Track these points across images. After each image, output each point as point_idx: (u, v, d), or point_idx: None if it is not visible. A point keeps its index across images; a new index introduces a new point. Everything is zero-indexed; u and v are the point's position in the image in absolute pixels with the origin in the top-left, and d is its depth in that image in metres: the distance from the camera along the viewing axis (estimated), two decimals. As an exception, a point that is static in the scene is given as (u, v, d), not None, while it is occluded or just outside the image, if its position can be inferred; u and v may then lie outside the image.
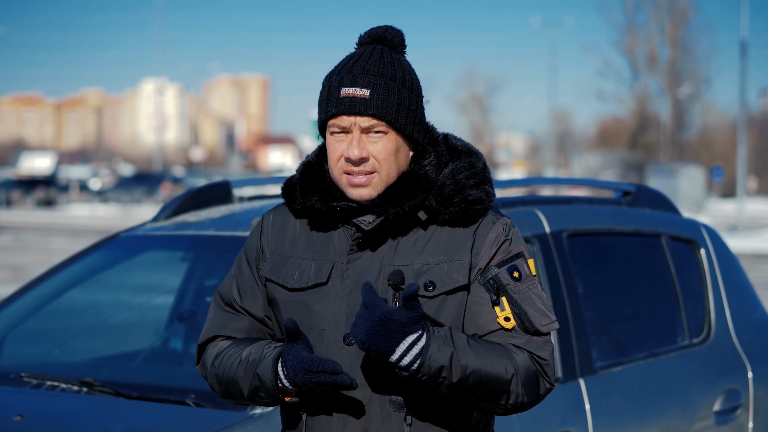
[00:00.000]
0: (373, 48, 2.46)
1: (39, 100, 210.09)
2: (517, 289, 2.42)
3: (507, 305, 2.41)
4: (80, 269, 4.44)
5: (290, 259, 2.50)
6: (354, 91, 2.41)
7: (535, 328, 2.40)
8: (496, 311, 2.41)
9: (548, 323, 2.42)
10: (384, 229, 2.45)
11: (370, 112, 2.40)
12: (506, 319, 2.40)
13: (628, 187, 4.81)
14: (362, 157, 2.40)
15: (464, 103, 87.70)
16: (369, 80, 2.41)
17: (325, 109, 2.44)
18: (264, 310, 2.54)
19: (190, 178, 56.13)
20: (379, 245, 2.45)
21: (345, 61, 2.47)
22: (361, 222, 2.44)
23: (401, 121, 2.42)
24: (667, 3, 66.26)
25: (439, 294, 2.41)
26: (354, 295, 2.42)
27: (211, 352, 2.54)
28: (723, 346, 4.57)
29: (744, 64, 33.71)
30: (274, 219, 2.57)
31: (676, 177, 47.06)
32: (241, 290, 2.55)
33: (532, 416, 3.58)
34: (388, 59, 2.45)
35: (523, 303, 2.41)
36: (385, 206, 2.42)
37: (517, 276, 2.43)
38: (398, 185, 2.43)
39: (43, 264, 18.29)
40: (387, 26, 2.50)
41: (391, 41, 2.48)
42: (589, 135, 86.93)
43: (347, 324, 2.41)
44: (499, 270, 2.42)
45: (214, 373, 2.51)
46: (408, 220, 2.45)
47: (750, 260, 21.96)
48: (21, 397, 3.63)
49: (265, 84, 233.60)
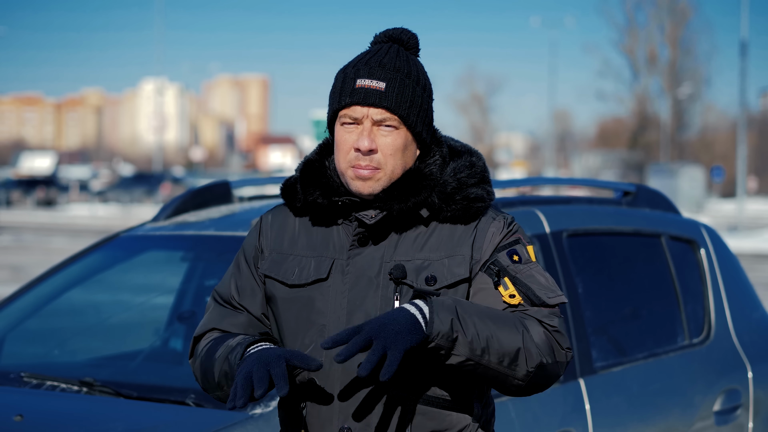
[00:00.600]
0: (390, 46, 2.49)
1: (39, 100, 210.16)
2: (518, 269, 2.43)
3: (510, 284, 2.41)
4: (80, 269, 4.44)
5: (289, 257, 2.51)
6: (370, 82, 2.42)
7: (541, 300, 2.40)
8: (500, 291, 2.41)
9: (554, 296, 2.42)
10: (386, 225, 2.46)
11: (384, 104, 2.41)
12: (511, 296, 2.40)
13: (628, 187, 4.81)
14: (372, 148, 2.41)
15: (464, 103, 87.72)
16: (385, 74, 2.43)
17: (338, 99, 2.45)
18: (262, 308, 2.54)
19: (190, 178, 56.14)
20: (380, 240, 2.46)
21: (361, 56, 2.49)
22: (363, 216, 2.45)
23: (413, 118, 2.44)
24: (667, 3, 66.27)
25: (441, 288, 2.41)
26: (355, 290, 2.43)
27: (202, 343, 2.54)
28: (723, 346, 4.57)
29: (744, 64, 33.73)
30: (273, 219, 2.58)
31: (676, 177, 47.07)
32: (239, 288, 2.55)
33: (532, 416, 3.58)
34: (404, 57, 2.47)
35: (526, 280, 2.42)
36: (390, 201, 2.43)
37: (517, 259, 2.44)
38: (403, 182, 2.45)
39: (43, 264, 18.29)
40: (403, 28, 2.53)
41: (406, 42, 2.51)
42: (589, 135, 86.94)
43: (348, 319, 2.41)
44: (498, 255, 2.43)
45: (199, 362, 2.51)
46: (410, 217, 2.46)
47: (750, 260, 21.96)
48: (21, 397, 3.62)
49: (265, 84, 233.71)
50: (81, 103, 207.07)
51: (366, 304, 2.42)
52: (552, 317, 2.40)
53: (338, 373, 2.40)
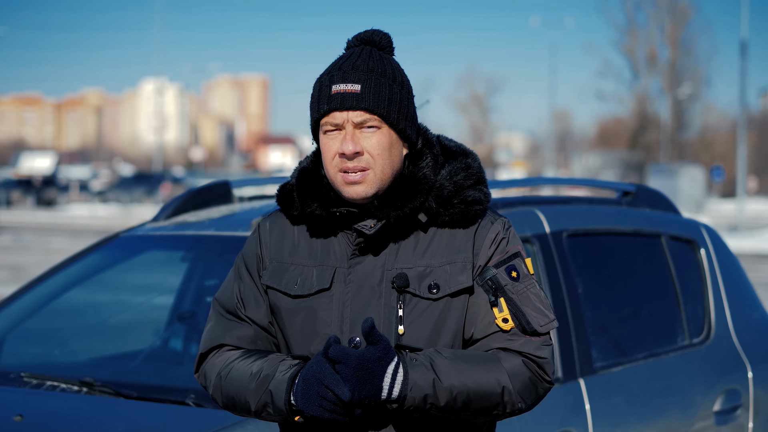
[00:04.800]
0: (362, 49, 2.48)
1: (39, 100, 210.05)
2: (516, 289, 2.42)
3: (505, 306, 2.41)
4: (80, 269, 4.44)
5: (291, 266, 2.49)
6: (345, 86, 2.41)
7: (533, 329, 2.40)
8: (495, 312, 2.41)
9: (546, 323, 2.42)
10: (386, 233, 2.45)
11: (362, 106, 2.40)
12: (504, 320, 2.40)
13: (628, 187, 4.81)
14: (356, 151, 2.40)
15: (464, 103, 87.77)
16: (359, 76, 2.42)
17: (317, 108, 2.45)
18: (267, 317, 2.52)
19: (190, 178, 56.11)
20: (381, 249, 2.45)
21: (334, 62, 2.48)
22: (362, 227, 2.43)
23: (393, 116, 2.42)
24: (667, 3, 66.27)
25: (444, 296, 2.41)
26: (357, 299, 2.42)
27: (216, 362, 2.50)
28: (723, 346, 4.57)
29: (744, 64, 33.73)
30: (271, 226, 2.56)
31: (676, 177, 47.06)
32: (244, 298, 2.53)
33: (531, 416, 3.58)
34: (378, 57, 2.46)
35: (521, 303, 2.41)
36: (386, 209, 2.42)
37: (516, 276, 2.43)
38: (397, 188, 2.43)
39: (43, 264, 18.29)
40: (374, 30, 2.52)
41: (378, 43, 2.50)
42: (589, 135, 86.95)
43: (351, 328, 2.41)
44: (497, 270, 2.43)
45: (219, 384, 2.47)
46: (409, 223, 2.45)
47: (750, 260, 21.96)
48: (21, 397, 3.63)
49: (265, 84, 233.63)
50: (81, 103, 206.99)
51: (369, 314, 2.41)
52: (542, 348, 2.41)
53: None
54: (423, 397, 2.30)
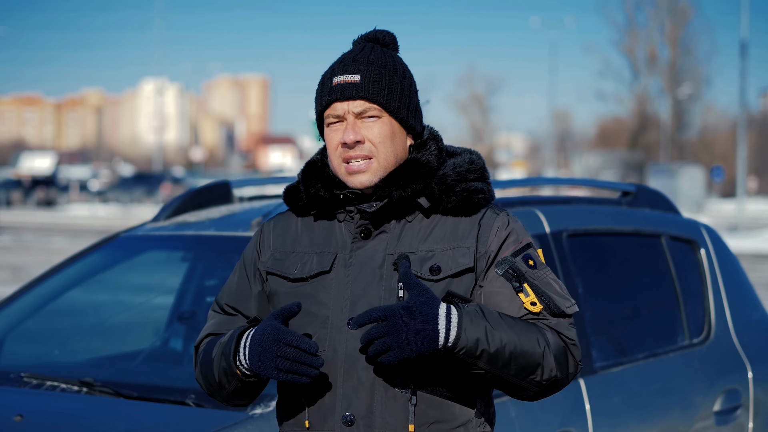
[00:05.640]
0: (364, 45, 2.53)
1: (39, 100, 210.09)
2: (536, 275, 2.45)
3: (531, 291, 2.44)
4: (80, 269, 4.44)
5: (292, 254, 2.53)
6: (345, 78, 2.46)
7: (560, 310, 2.44)
8: (521, 298, 2.43)
9: (570, 305, 2.46)
10: (387, 213, 2.47)
11: (361, 95, 2.44)
12: (533, 303, 2.43)
13: (628, 187, 4.81)
14: (357, 140, 2.44)
15: (464, 103, 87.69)
16: (359, 67, 2.47)
17: (319, 101, 2.50)
18: (256, 311, 2.55)
19: (190, 178, 56.11)
20: (382, 230, 2.47)
21: (338, 59, 2.53)
22: (364, 206, 2.46)
23: (394, 104, 2.46)
24: (667, 3, 66.27)
25: (445, 277, 2.43)
26: (358, 281, 2.44)
27: (199, 350, 2.57)
28: (723, 346, 4.57)
29: (744, 64, 33.73)
30: (275, 223, 2.61)
31: (676, 177, 47.06)
32: (233, 293, 2.59)
33: (531, 416, 3.58)
34: (379, 51, 2.51)
35: (544, 288, 2.45)
36: (388, 189, 2.45)
37: (533, 264, 2.46)
38: (400, 170, 2.47)
39: (43, 264, 18.29)
40: (379, 29, 2.57)
41: (382, 40, 2.55)
42: (589, 135, 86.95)
43: (351, 309, 2.43)
44: (515, 259, 2.45)
45: (199, 368, 2.53)
46: (411, 205, 2.48)
47: (750, 260, 21.96)
48: (21, 397, 3.63)
49: (265, 84, 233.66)
50: (81, 103, 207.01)
51: (369, 294, 2.43)
52: (570, 329, 2.45)
53: (342, 361, 2.41)
54: (476, 341, 2.31)
